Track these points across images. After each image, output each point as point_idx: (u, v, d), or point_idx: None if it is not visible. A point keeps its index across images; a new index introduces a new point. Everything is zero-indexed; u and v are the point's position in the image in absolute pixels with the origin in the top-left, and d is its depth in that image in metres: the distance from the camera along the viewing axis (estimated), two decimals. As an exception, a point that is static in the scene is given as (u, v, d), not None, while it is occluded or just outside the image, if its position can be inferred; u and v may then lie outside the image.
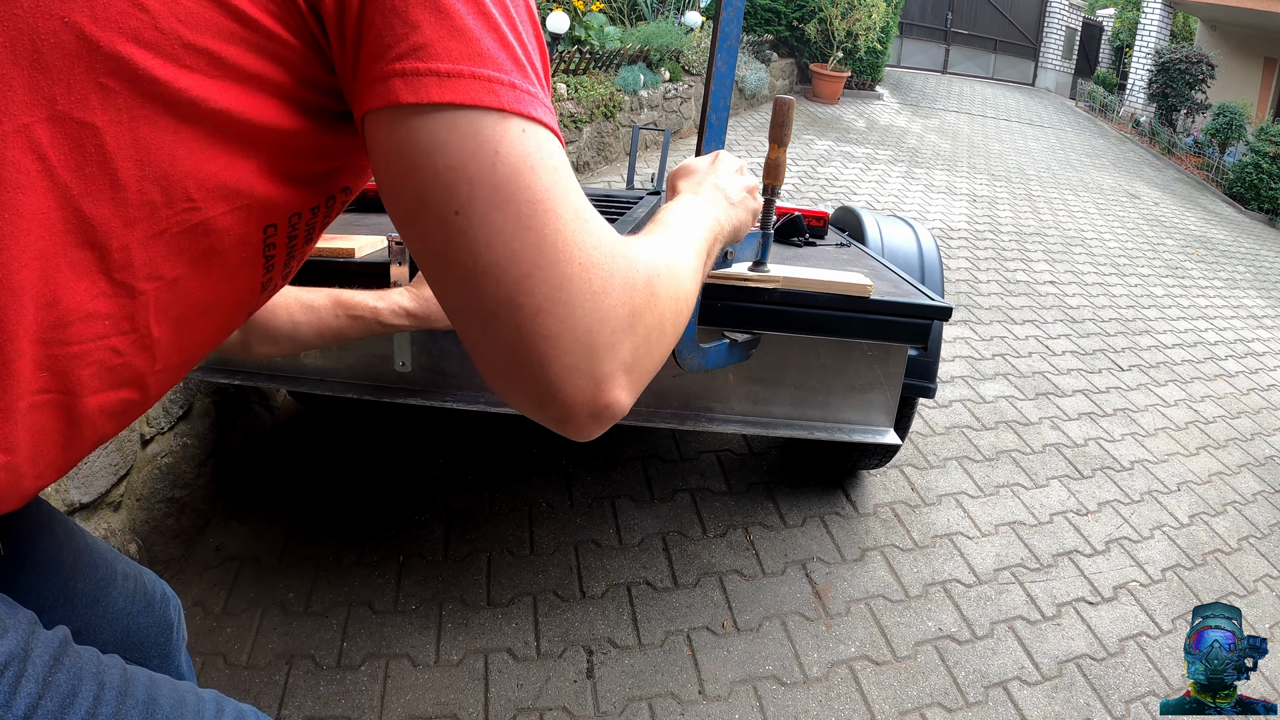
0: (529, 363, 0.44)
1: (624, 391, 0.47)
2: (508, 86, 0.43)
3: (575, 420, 0.46)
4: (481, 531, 1.86)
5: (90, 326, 0.44)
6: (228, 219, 0.46)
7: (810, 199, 5.34)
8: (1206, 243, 6.65)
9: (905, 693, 1.57)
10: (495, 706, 1.43)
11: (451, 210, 0.42)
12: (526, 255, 0.42)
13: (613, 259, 0.46)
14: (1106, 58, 14.90)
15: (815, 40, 8.45)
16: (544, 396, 0.45)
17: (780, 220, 1.89)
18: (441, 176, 0.42)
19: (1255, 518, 2.48)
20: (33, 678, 0.44)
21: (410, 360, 1.32)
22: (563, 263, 0.43)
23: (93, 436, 0.49)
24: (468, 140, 0.42)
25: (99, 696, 0.48)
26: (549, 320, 0.43)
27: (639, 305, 0.47)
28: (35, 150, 0.39)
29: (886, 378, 1.32)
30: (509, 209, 0.42)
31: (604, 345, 0.45)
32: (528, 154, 0.43)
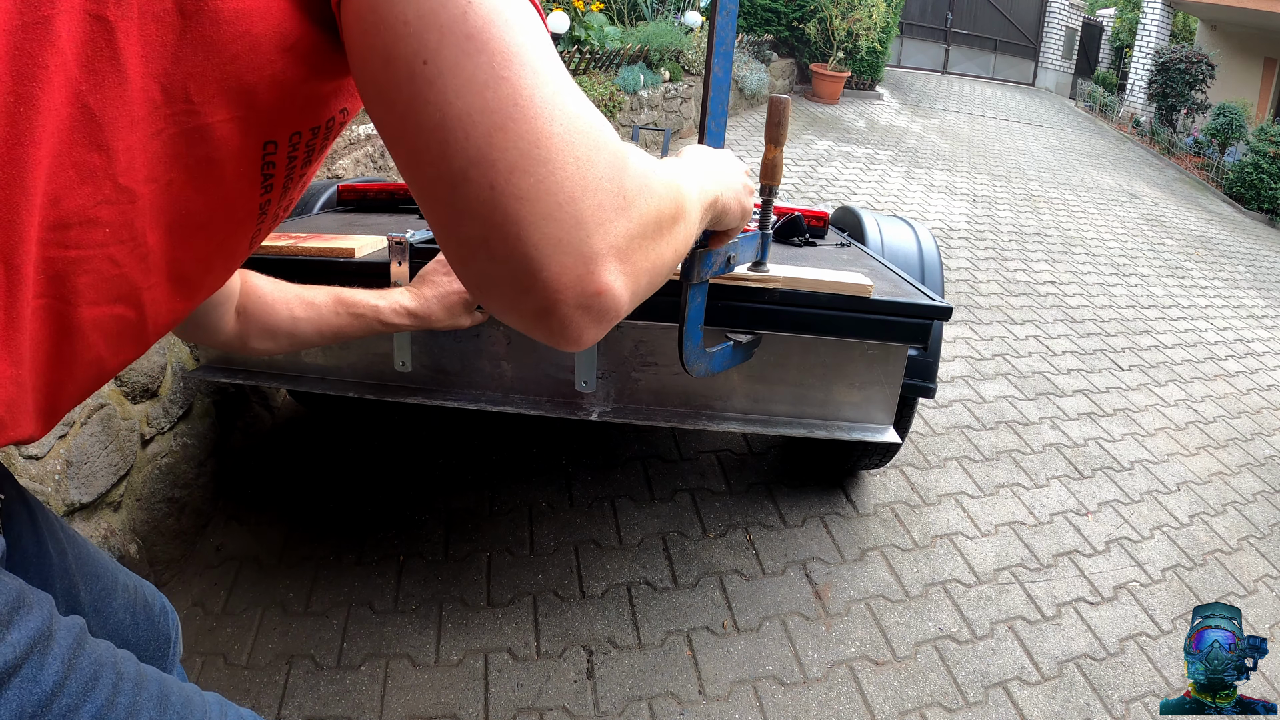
0: (504, 232, 0.39)
1: (618, 277, 0.42)
2: None
3: (561, 310, 0.41)
4: (481, 531, 1.86)
5: (90, 233, 0.42)
6: (226, 128, 0.44)
7: (810, 199, 5.34)
8: (1206, 243, 6.65)
9: (905, 693, 1.57)
10: (495, 706, 1.43)
11: (420, 60, 0.38)
12: (500, 107, 0.38)
13: (600, 132, 0.41)
14: (1106, 58, 14.90)
15: (815, 40, 8.45)
16: (524, 277, 0.40)
17: (780, 220, 1.89)
18: (410, 25, 0.38)
19: (1255, 518, 2.48)
20: (58, 657, 0.44)
21: (410, 360, 1.32)
22: (541, 118, 0.39)
23: (86, 355, 0.47)
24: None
25: (117, 685, 0.47)
26: (525, 179, 0.38)
27: (630, 188, 0.43)
28: (53, 43, 0.37)
29: (886, 376, 1.32)
30: (481, 57, 0.38)
31: (590, 217, 0.40)
32: (504, 9, 0.39)
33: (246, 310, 0.84)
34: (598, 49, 5.33)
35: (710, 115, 0.84)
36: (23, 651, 0.42)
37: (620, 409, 1.32)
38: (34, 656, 0.42)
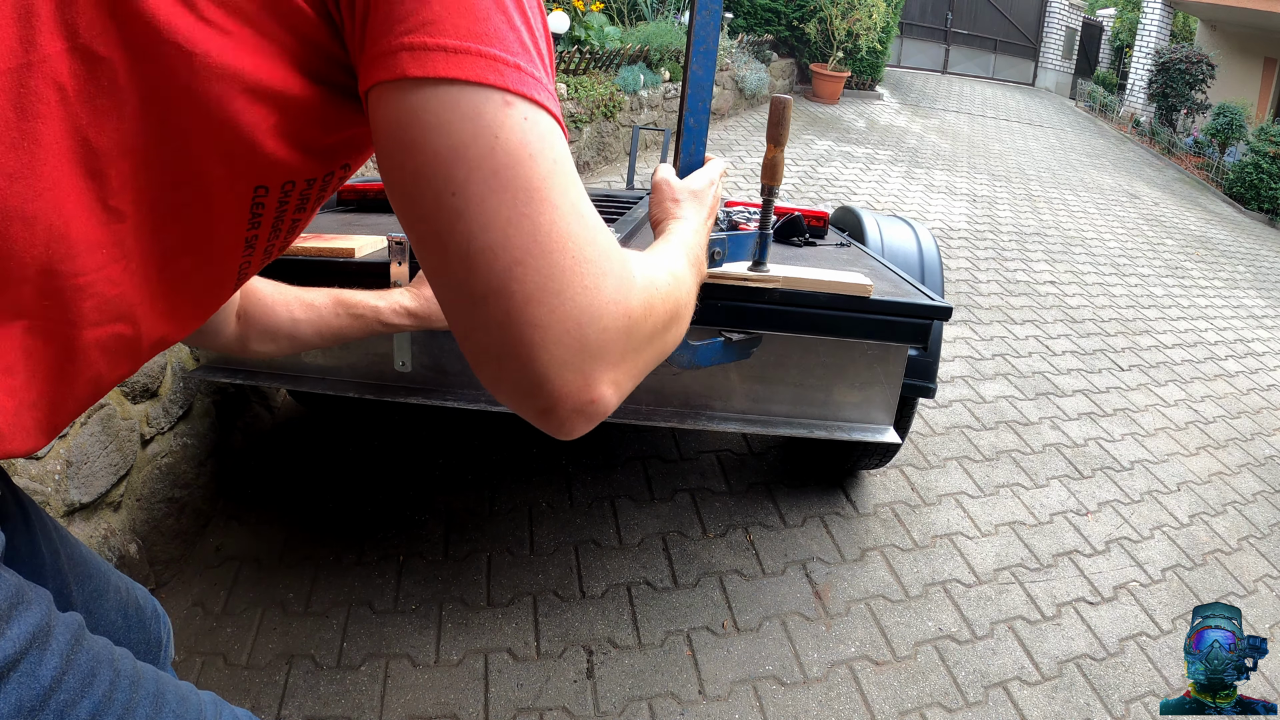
0: (517, 351, 0.43)
1: (611, 390, 0.47)
2: (512, 67, 0.43)
3: (560, 414, 0.46)
4: (481, 531, 1.86)
5: (93, 256, 0.44)
6: (219, 168, 0.46)
7: (810, 199, 5.34)
8: (1206, 243, 6.65)
9: (905, 693, 1.57)
10: (495, 706, 1.43)
11: (449, 191, 0.42)
12: (520, 242, 0.42)
13: (608, 259, 0.46)
14: (1106, 58, 14.90)
15: (815, 40, 8.45)
16: (531, 387, 0.45)
17: (780, 220, 1.89)
18: (441, 156, 0.42)
19: (1255, 518, 2.48)
20: (56, 652, 0.44)
21: (410, 360, 1.32)
22: (556, 253, 0.43)
23: (87, 371, 0.49)
24: (469, 122, 0.42)
25: (114, 682, 0.48)
26: (539, 309, 0.43)
27: (634, 309, 0.48)
28: (55, 81, 0.39)
29: (886, 376, 1.32)
30: (505, 195, 0.42)
31: (594, 341, 0.45)
32: (528, 141, 0.43)
33: (247, 313, 0.84)
34: (597, 49, 5.33)
35: (689, 113, 0.84)
36: (22, 646, 0.42)
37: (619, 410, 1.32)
38: (33, 652, 0.43)
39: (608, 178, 4.95)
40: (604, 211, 1.80)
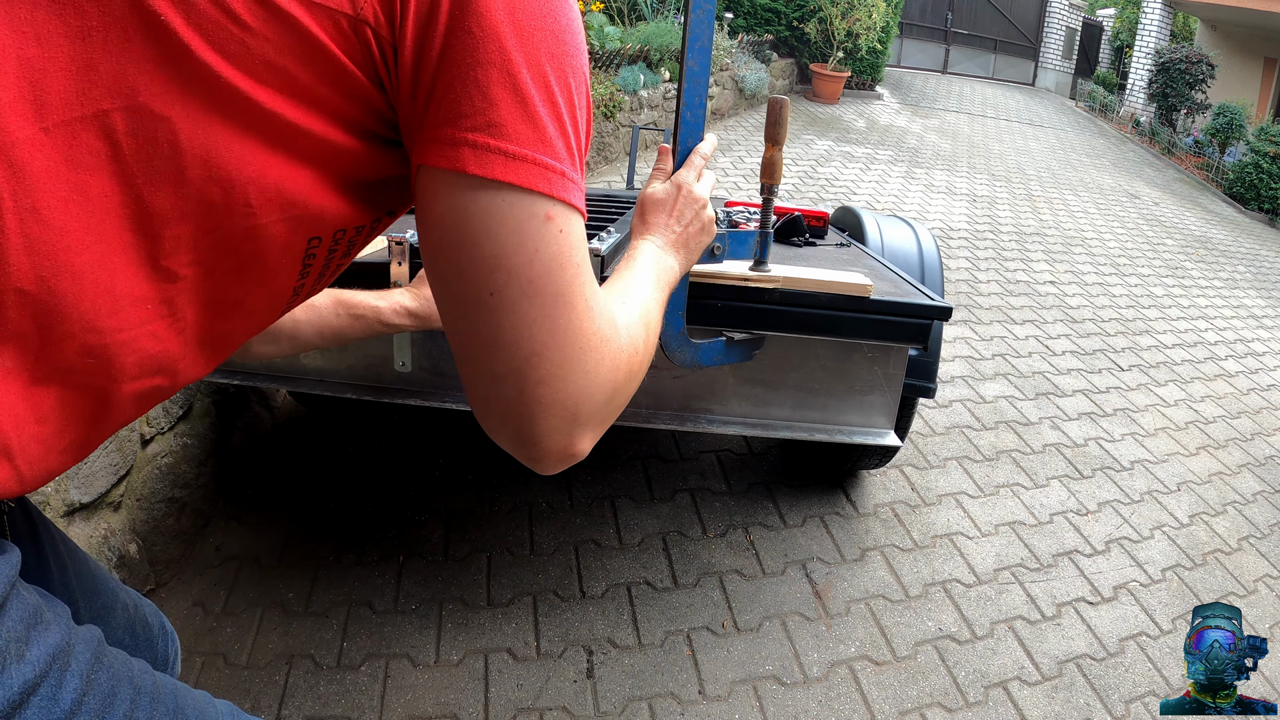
0: (520, 418, 0.51)
1: (590, 444, 0.56)
2: (559, 174, 0.48)
3: (544, 463, 0.54)
4: (481, 531, 1.86)
5: (138, 313, 0.45)
6: (278, 227, 0.48)
7: (810, 199, 5.34)
8: (1206, 243, 6.65)
9: (905, 693, 1.57)
10: (495, 706, 1.43)
11: (487, 291, 0.48)
12: (541, 338, 0.49)
13: (606, 343, 0.54)
14: (1106, 58, 14.90)
15: (815, 40, 8.45)
16: (524, 443, 0.52)
17: (780, 220, 1.89)
18: (486, 262, 0.47)
19: (1255, 518, 2.48)
20: (76, 674, 0.44)
21: (410, 360, 1.32)
22: (569, 346, 0.50)
23: (119, 419, 0.50)
24: (514, 235, 0.47)
25: (135, 700, 0.48)
26: (547, 390, 0.50)
27: (620, 379, 0.56)
28: (109, 135, 0.40)
29: (887, 379, 1.32)
30: (536, 299, 0.48)
31: (586, 412, 0.53)
32: (561, 253, 0.48)
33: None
34: (598, 49, 5.33)
35: (685, 106, 0.86)
36: (42, 669, 0.42)
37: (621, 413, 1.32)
38: (53, 674, 0.42)
39: (608, 178, 4.95)
40: (604, 211, 1.80)
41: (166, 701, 0.51)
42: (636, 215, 0.84)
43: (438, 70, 0.45)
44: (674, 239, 0.83)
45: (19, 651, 0.41)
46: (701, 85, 0.86)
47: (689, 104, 0.86)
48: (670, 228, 0.83)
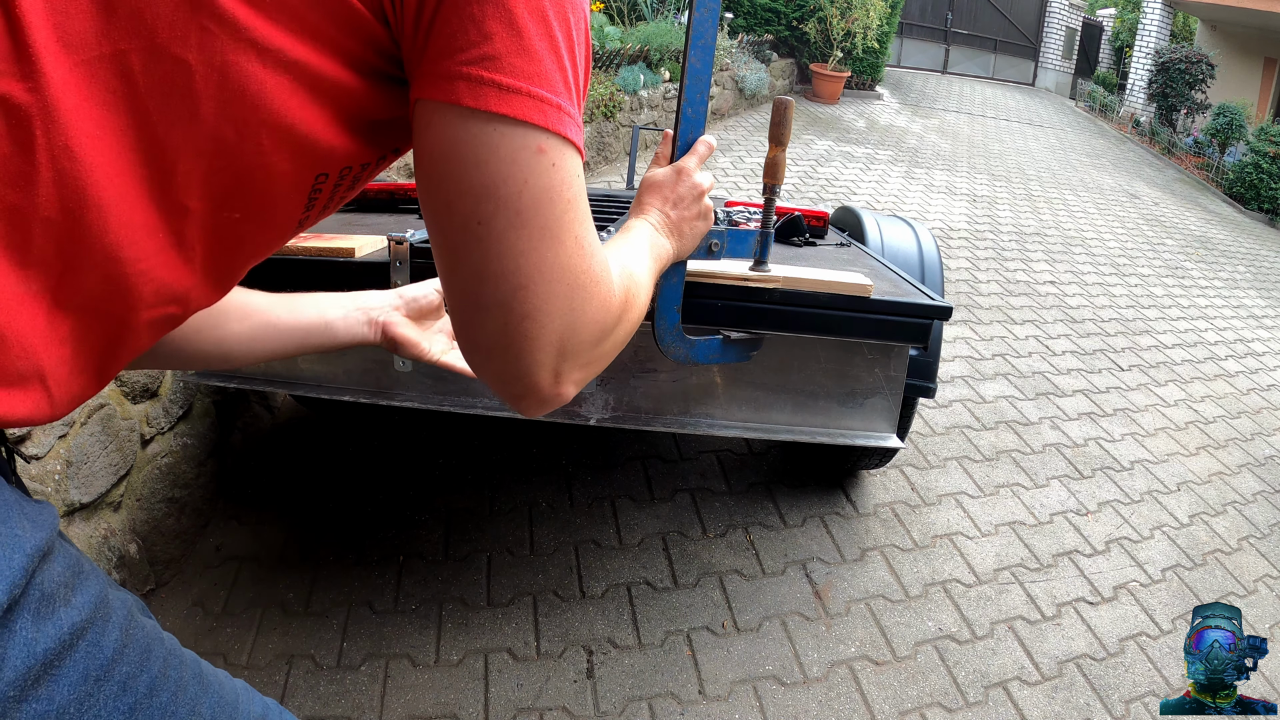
0: (506, 351, 0.52)
1: (574, 387, 0.56)
2: (555, 108, 0.48)
3: (527, 402, 0.55)
4: (481, 531, 1.86)
5: (153, 242, 0.46)
6: (287, 164, 0.49)
7: (810, 199, 5.34)
8: (1206, 243, 6.65)
9: (905, 693, 1.57)
10: (495, 706, 1.43)
11: (475, 220, 0.48)
12: (527, 271, 0.49)
13: (597, 283, 0.54)
14: (1106, 58, 14.90)
15: (815, 40, 8.45)
16: (510, 378, 0.53)
17: (780, 220, 1.89)
18: (476, 191, 0.47)
19: (1255, 518, 2.48)
20: (116, 625, 0.46)
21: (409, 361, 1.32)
22: (556, 281, 0.50)
23: (135, 346, 0.52)
24: (505, 165, 0.47)
25: (167, 660, 0.50)
26: (533, 325, 0.51)
27: (609, 322, 0.57)
28: (126, 75, 0.41)
29: (888, 381, 1.32)
30: (524, 231, 0.48)
31: (571, 350, 0.53)
32: (552, 187, 0.48)
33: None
34: (598, 49, 5.33)
35: (686, 103, 0.87)
36: (88, 616, 0.44)
37: (619, 415, 1.32)
38: (97, 621, 0.44)
39: (607, 178, 4.95)
40: (603, 211, 1.80)
41: (191, 667, 0.53)
42: (636, 197, 0.85)
43: (438, 5, 0.45)
44: (671, 222, 0.83)
45: (66, 596, 0.43)
46: (704, 83, 0.87)
47: (690, 100, 0.87)
48: (667, 210, 0.83)
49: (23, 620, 0.40)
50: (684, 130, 0.88)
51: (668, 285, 0.99)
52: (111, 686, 0.44)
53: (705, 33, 0.85)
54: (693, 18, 0.84)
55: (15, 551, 0.41)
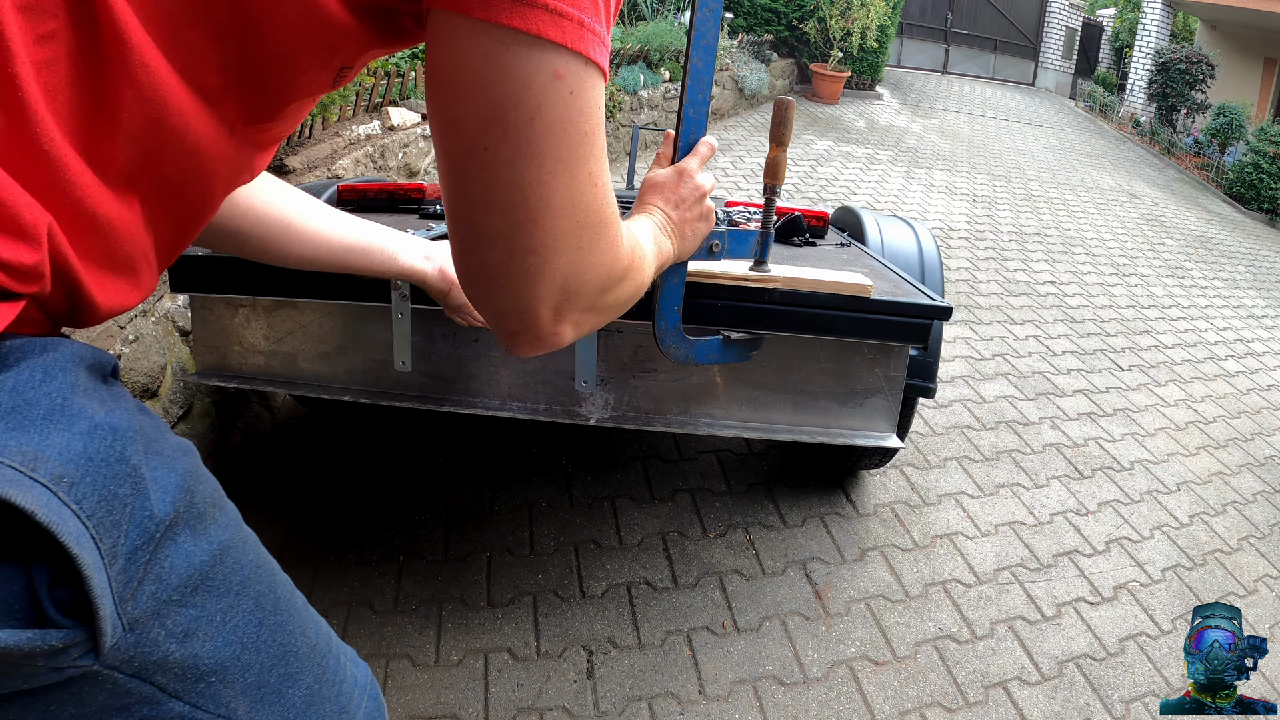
0: (508, 285, 0.50)
1: (572, 330, 0.54)
2: (575, 23, 0.43)
3: (521, 339, 0.53)
4: (481, 531, 1.86)
5: (211, 130, 0.49)
6: (313, 59, 0.50)
7: (810, 199, 5.34)
8: (1206, 243, 6.65)
9: (905, 693, 1.57)
10: (495, 706, 1.43)
11: (482, 146, 0.45)
12: (534, 204, 0.47)
13: (604, 225, 0.51)
14: (1106, 58, 14.90)
15: (815, 40, 8.45)
16: (507, 312, 0.51)
17: (780, 220, 1.89)
18: (483, 115, 0.44)
19: (1255, 518, 2.48)
20: (251, 547, 0.53)
21: (410, 360, 1.32)
22: (564, 217, 0.48)
23: (204, 222, 0.57)
24: (516, 87, 0.43)
25: (287, 585, 0.58)
26: (536, 260, 0.49)
27: (615, 272, 0.55)
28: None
29: (888, 382, 1.32)
30: (533, 161, 0.45)
31: (574, 290, 0.51)
32: (567, 116, 0.45)
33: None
34: (598, 49, 5.32)
35: (688, 103, 0.86)
36: (231, 535, 0.51)
37: (619, 415, 1.32)
38: (238, 542, 0.51)
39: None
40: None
41: (299, 595, 0.63)
42: (638, 198, 0.85)
43: None
44: (673, 223, 0.83)
45: (214, 515, 0.50)
46: (705, 83, 0.87)
47: (692, 100, 0.87)
48: (669, 211, 0.83)
49: (184, 534, 0.45)
50: (685, 131, 0.88)
51: (668, 286, 0.99)
52: (248, 600, 0.50)
53: (707, 33, 0.85)
54: (695, 18, 0.84)
55: (173, 471, 0.46)
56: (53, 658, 0.37)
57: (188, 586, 0.45)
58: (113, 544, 0.39)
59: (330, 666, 0.64)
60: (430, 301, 1.18)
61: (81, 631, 0.37)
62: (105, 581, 0.38)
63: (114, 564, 0.39)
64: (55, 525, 0.35)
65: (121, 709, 0.42)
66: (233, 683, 0.48)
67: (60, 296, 0.44)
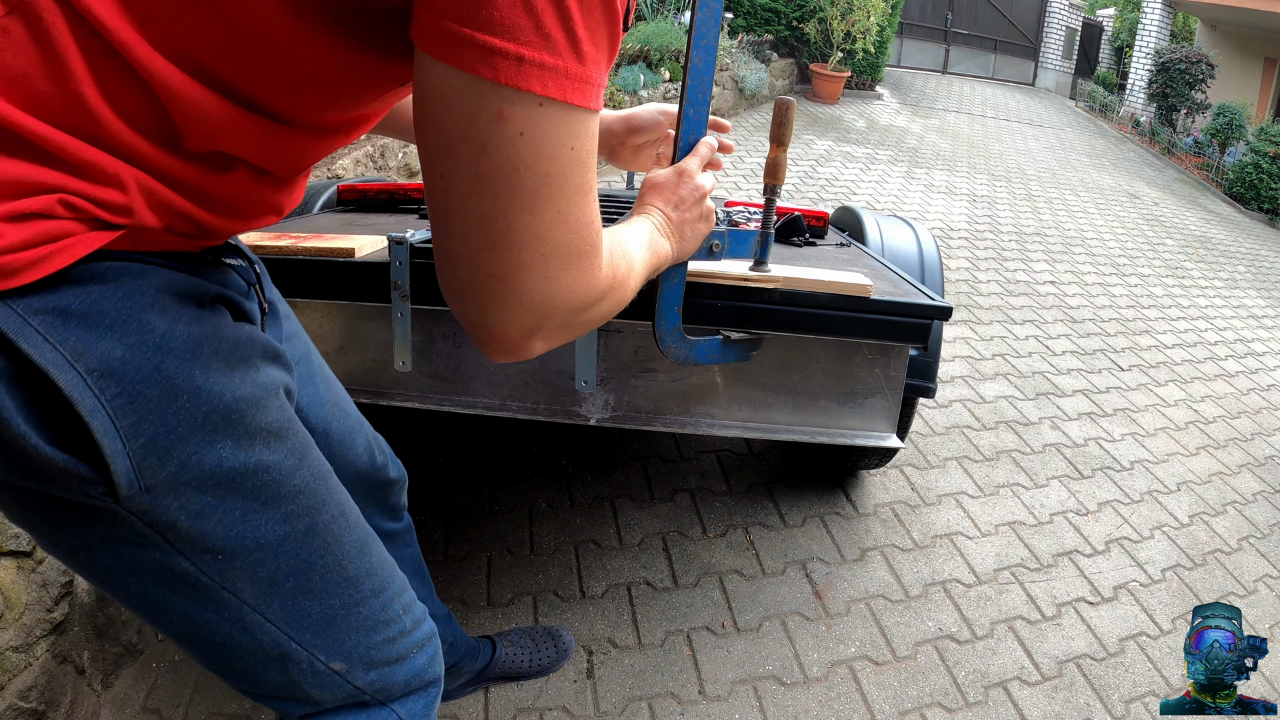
0: (476, 301, 0.51)
1: (542, 344, 0.55)
2: (512, 60, 0.42)
3: (490, 348, 0.54)
4: (481, 531, 1.86)
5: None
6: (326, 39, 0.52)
7: (810, 199, 5.34)
8: (1206, 243, 6.65)
9: (905, 693, 1.57)
10: (495, 706, 1.43)
11: (439, 171, 0.46)
12: (492, 234, 0.47)
13: (578, 256, 0.51)
14: (1106, 58, 14.90)
15: (815, 40, 8.45)
16: (477, 324, 0.52)
17: (780, 220, 1.89)
18: (438, 142, 0.46)
19: (1255, 518, 2.48)
20: (306, 474, 0.62)
21: (410, 360, 1.32)
22: (525, 250, 0.48)
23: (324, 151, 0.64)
24: (460, 124, 0.44)
25: (337, 521, 0.65)
26: (500, 285, 0.49)
27: (589, 298, 0.54)
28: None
29: (888, 381, 1.32)
30: (486, 195, 0.45)
31: (545, 314, 0.52)
32: (516, 157, 0.44)
33: None
34: (598, 49, 5.32)
35: (688, 103, 0.86)
36: (277, 461, 0.59)
37: (619, 415, 1.32)
38: (285, 468, 0.60)
39: (608, 177, 4.94)
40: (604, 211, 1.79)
41: (357, 534, 0.68)
42: (638, 199, 0.84)
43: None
44: (672, 223, 0.82)
45: (267, 440, 0.58)
46: (706, 83, 0.87)
47: (692, 100, 0.87)
48: (669, 212, 0.83)
49: (223, 442, 0.55)
50: (686, 131, 0.88)
51: (668, 286, 0.99)
52: (276, 513, 0.59)
53: (708, 33, 0.85)
54: (695, 18, 0.84)
55: (228, 391, 0.54)
56: (82, 486, 0.50)
57: (211, 481, 0.55)
58: (133, 426, 0.50)
59: (366, 603, 0.68)
60: (430, 301, 1.18)
61: (90, 470, 0.49)
62: (120, 447, 0.49)
63: (134, 441, 0.50)
64: (75, 399, 0.47)
65: (138, 545, 0.55)
66: (241, 569, 0.58)
67: (180, 224, 0.53)
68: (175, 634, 0.62)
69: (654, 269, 0.77)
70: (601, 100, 0.48)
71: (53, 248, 0.46)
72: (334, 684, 0.68)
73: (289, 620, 0.63)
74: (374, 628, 0.69)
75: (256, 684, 0.66)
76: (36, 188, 0.45)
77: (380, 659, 0.71)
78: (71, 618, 1.27)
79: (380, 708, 0.73)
